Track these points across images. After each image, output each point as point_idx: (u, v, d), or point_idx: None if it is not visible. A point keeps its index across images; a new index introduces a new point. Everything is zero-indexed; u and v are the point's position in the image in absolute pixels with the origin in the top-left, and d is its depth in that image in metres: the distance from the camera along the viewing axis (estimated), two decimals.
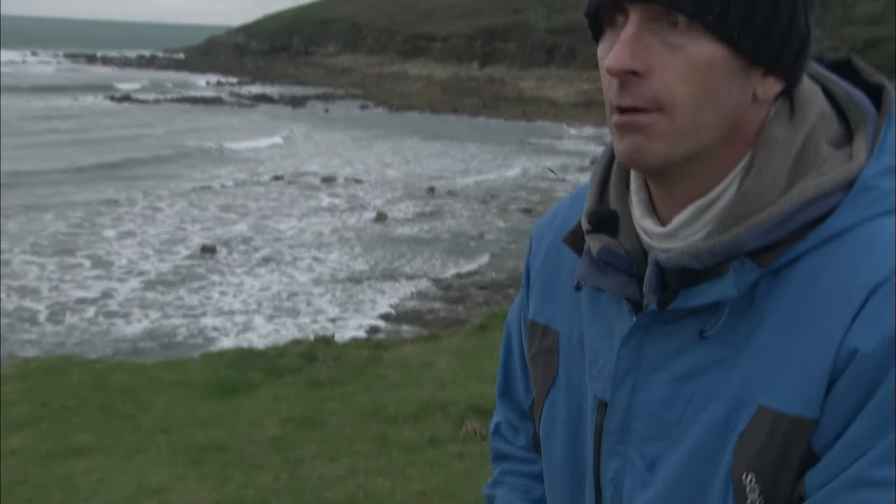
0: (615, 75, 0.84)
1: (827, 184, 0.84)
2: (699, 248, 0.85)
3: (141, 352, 9.49)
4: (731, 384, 0.86)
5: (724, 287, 0.84)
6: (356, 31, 73.51)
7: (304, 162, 25.75)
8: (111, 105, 40.40)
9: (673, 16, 0.82)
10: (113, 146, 26.71)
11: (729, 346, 0.86)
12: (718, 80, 0.83)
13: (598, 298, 0.98)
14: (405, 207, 19.13)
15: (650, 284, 0.89)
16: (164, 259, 14.07)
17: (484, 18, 62.70)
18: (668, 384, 0.90)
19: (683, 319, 0.89)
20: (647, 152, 0.84)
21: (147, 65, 72.48)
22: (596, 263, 0.93)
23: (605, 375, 0.95)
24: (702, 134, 0.84)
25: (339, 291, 12.63)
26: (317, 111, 41.70)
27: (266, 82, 56.70)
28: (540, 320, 1.07)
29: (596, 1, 0.88)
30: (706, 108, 0.83)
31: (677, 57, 0.82)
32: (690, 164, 0.86)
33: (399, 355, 5.95)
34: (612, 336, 0.95)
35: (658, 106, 0.83)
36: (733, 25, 0.82)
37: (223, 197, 19.74)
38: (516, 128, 36.55)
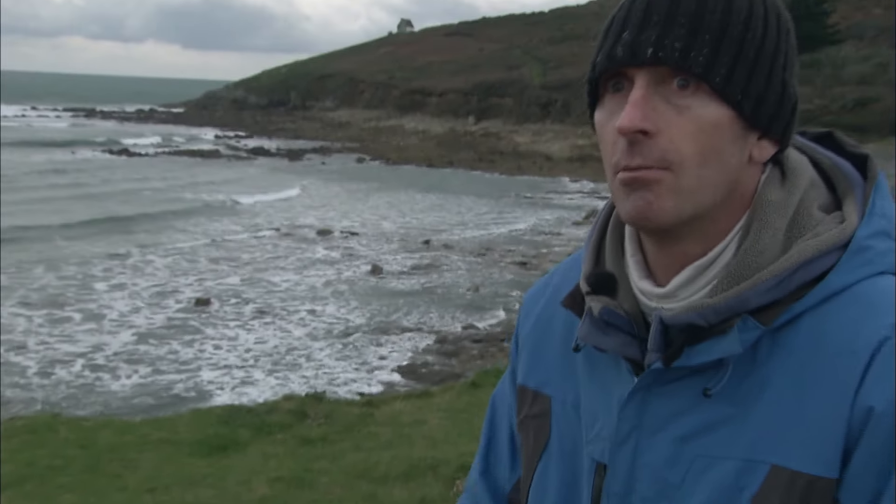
0: (627, 135, 0.86)
1: (824, 244, 0.87)
2: (704, 306, 0.87)
3: (132, 407, 9.35)
4: (738, 444, 0.86)
5: (728, 344, 0.86)
6: (353, 86, 74.46)
7: (299, 214, 25.82)
8: (110, 158, 40.61)
9: (681, 78, 0.85)
10: (108, 200, 26.79)
11: (733, 405, 0.87)
12: (722, 141, 0.86)
13: (596, 361, 0.99)
14: (401, 260, 19.13)
15: (655, 342, 0.90)
16: (157, 312, 13.98)
17: (480, 74, 63.62)
18: (672, 444, 0.90)
19: (686, 378, 0.89)
20: (656, 209, 0.86)
21: (146, 119, 73.15)
22: (597, 324, 0.95)
23: (604, 437, 0.95)
24: (706, 193, 0.87)
25: (334, 346, 12.53)
26: (314, 164, 41.97)
27: (264, 136, 57.20)
28: (530, 385, 1.06)
29: (601, 65, 0.90)
30: (710, 167, 0.86)
31: (684, 118, 0.85)
32: (693, 224, 0.88)
33: (390, 412, 5.87)
34: (610, 398, 0.95)
35: (665, 164, 0.85)
36: (737, 88, 0.85)
37: (218, 249, 19.73)
38: (511, 182, 36.78)
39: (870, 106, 38.65)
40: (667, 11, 0.87)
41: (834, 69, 43.53)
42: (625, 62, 0.88)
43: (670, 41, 0.85)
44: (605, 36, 0.92)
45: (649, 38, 0.86)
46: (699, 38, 0.85)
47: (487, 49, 75.38)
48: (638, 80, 0.87)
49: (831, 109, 39.08)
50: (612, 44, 0.89)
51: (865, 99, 39.11)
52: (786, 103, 0.89)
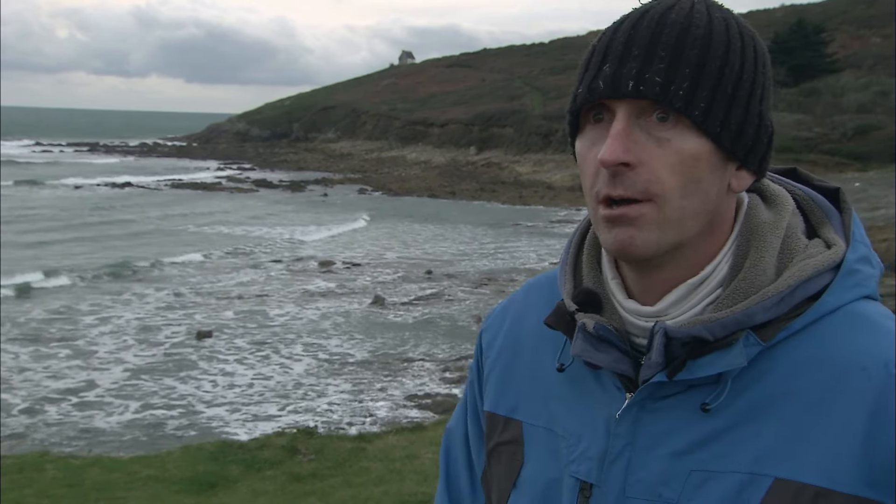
0: (608, 167, 0.88)
1: (821, 264, 0.91)
2: (711, 320, 0.88)
3: (124, 445, 9.19)
4: (739, 458, 0.87)
5: (733, 358, 0.87)
6: (355, 118, 74.99)
7: (300, 246, 25.77)
8: (112, 192, 40.72)
9: (660, 112, 0.88)
10: (105, 230, 26.79)
11: (731, 420, 0.88)
12: (702, 172, 0.89)
13: (577, 380, 0.99)
14: (403, 291, 19.01)
15: (657, 355, 0.90)
16: (152, 346, 13.83)
17: (481, 105, 64.05)
18: (667, 460, 0.90)
19: (681, 394, 0.91)
20: (638, 243, 0.89)
21: (149, 152, 73.51)
22: (591, 340, 0.95)
23: (590, 457, 0.95)
24: (688, 223, 0.89)
25: (334, 379, 12.37)
26: (315, 195, 42.04)
27: (266, 168, 57.41)
28: (500, 412, 1.06)
29: (583, 97, 0.92)
30: (692, 198, 0.89)
31: (665, 150, 0.88)
32: (674, 253, 0.91)
33: (382, 447, 5.73)
34: (595, 416, 0.96)
35: (648, 196, 0.88)
36: (716, 121, 0.88)
37: (217, 281, 19.64)
38: (513, 211, 36.77)
39: (870, 134, 38.72)
40: (647, 45, 0.88)
41: (833, 97, 43.75)
42: (606, 95, 0.89)
43: (651, 75, 0.87)
44: (585, 67, 0.93)
45: (630, 72, 0.88)
46: (679, 72, 0.87)
47: (488, 80, 75.94)
48: (619, 112, 0.89)
49: (831, 138, 39.16)
50: (593, 76, 0.91)
51: (866, 126, 39.19)
52: (762, 134, 0.92)
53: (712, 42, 0.88)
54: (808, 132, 39.51)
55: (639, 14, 0.91)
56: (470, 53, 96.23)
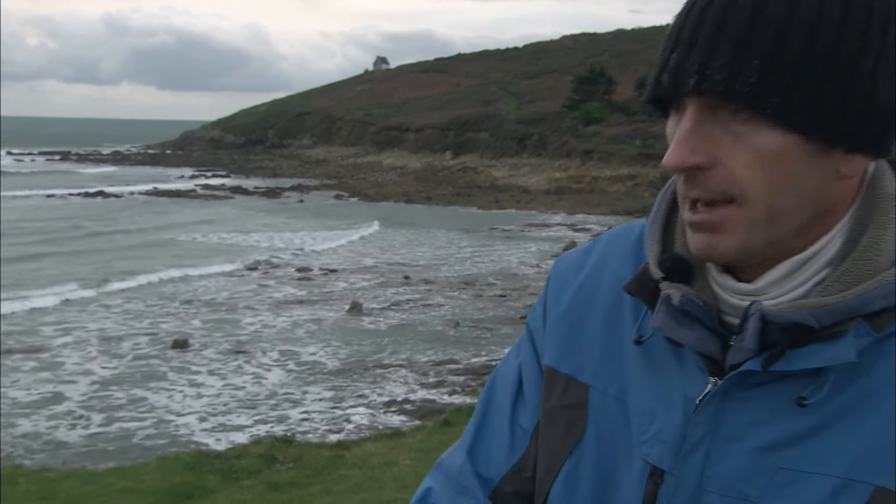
0: (674, 172, 0.81)
1: None
2: (819, 305, 0.78)
3: (98, 456, 9.06)
4: (834, 460, 0.78)
5: (841, 350, 0.78)
6: (330, 124, 74.86)
7: (277, 252, 25.64)
8: (84, 201, 40.30)
9: (730, 106, 0.78)
10: (78, 241, 26.50)
11: (828, 417, 0.79)
12: (791, 166, 0.78)
13: (654, 353, 0.90)
14: (381, 297, 18.96)
15: (751, 342, 0.81)
16: (128, 356, 13.67)
17: (456, 109, 64.18)
18: (751, 455, 0.82)
19: (773, 383, 0.81)
20: (721, 249, 0.81)
21: (122, 160, 72.84)
22: (674, 314, 0.85)
23: (664, 441, 0.86)
24: (780, 222, 0.80)
25: (312, 386, 12.30)
26: (291, 202, 41.87)
27: (241, 175, 57.13)
28: (563, 370, 0.96)
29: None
30: (781, 195, 0.79)
31: (742, 146, 0.78)
32: (772, 251, 0.82)
33: (361, 454, 5.69)
34: (671, 397, 0.87)
35: (728, 197, 0.79)
36: (798, 113, 0.76)
37: (193, 290, 19.47)
38: (489, 216, 36.83)
39: None
40: (712, 32, 0.78)
41: None
42: (667, 92, 0.81)
43: (713, 70, 0.77)
44: (662, 49, 0.84)
45: (693, 66, 0.78)
46: (746, 64, 0.76)
47: (463, 84, 76.15)
48: (689, 108, 0.80)
49: None
50: (661, 67, 0.82)
51: None
52: (873, 112, 0.78)
53: (794, 20, 0.77)
54: None
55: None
56: (444, 58, 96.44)
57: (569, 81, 61.01)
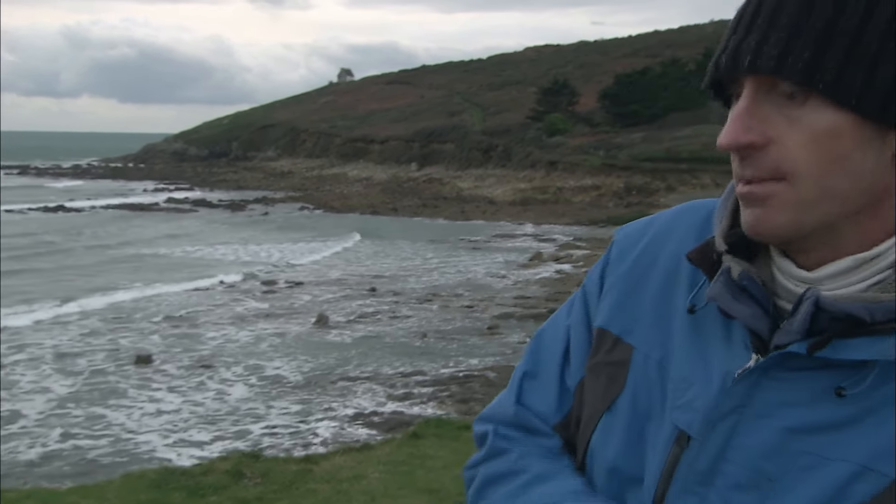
0: (728, 150, 0.82)
1: None
2: (875, 300, 0.79)
3: (58, 476, 8.87)
4: (858, 449, 0.79)
5: (887, 347, 0.78)
6: (295, 136, 74.55)
7: (242, 265, 25.43)
8: (45, 216, 39.62)
9: (785, 85, 0.79)
10: (36, 258, 26.06)
11: (861, 410, 0.80)
12: (846, 147, 0.79)
13: (702, 324, 0.92)
14: (347, 309, 18.88)
15: (800, 324, 0.81)
16: (85, 373, 13.41)
17: (421, 121, 64.32)
18: (777, 434, 0.83)
19: (813, 370, 0.82)
20: (769, 224, 0.82)
21: (82, 174, 71.77)
22: (731, 287, 0.87)
23: (696, 408, 0.88)
24: (832, 203, 0.80)
25: (278, 400, 12.20)
26: (256, 215, 41.58)
27: (205, 188, 56.63)
28: (613, 329, 0.99)
29: (708, 78, 0.86)
30: (835, 176, 0.79)
31: (797, 127, 0.79)
32: (827, 234, 0.82)
33: (329, 468, 5.65)
34: (710, 368, 0.89)
35: (780, 175, 0.80)
36: (852, 90, 0.77)
37: (156, 305, 19.23)
38: (456, 226, 36.91)
39: None
40: (772, 12, 0.80)
41: None
42: (726, 72, 0.83)
43: (769, 47, 0.79)
44: (727, 31, 0.86)
45: (750, 45, 0.80)
46: (800, 40, 0.78)
47: (428, 96, 76.34)
48: (746, 88, 0.82)
49: None
50: (722, 47, 0.84)
51: None
52: None
53: (847, 3, 0.78)
54: None
55: None
56: (409, 70, 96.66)
57: (533, 93, 61.49)
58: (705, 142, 39.84)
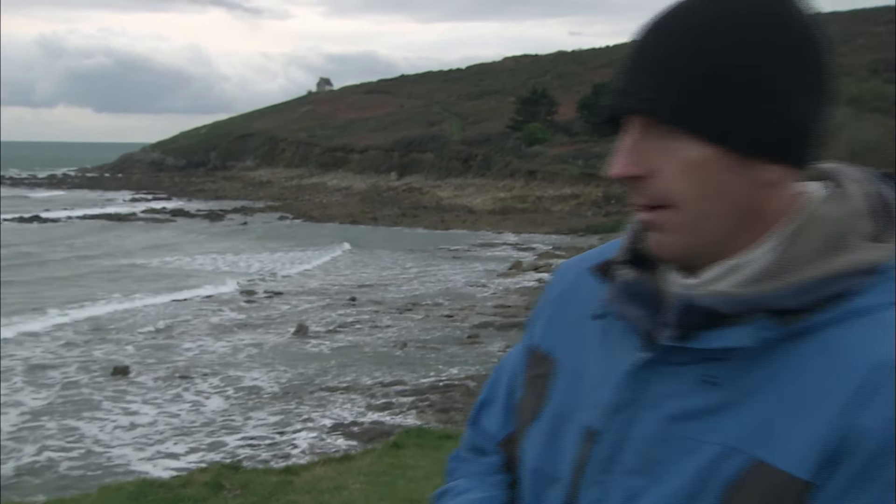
0: (616, 180, 0.93)
1: (853, 264, 0.89)
2: (730, 294, 0.90)
3: (28, 488, 8.74)
4: (727, 432, 0.89)
5: (742, 335, 0.88)
6: (274, 145, 74.29)
7: (220, 276, 25.27)
8: (19, 226, 39.16)
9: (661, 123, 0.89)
10: (12, 270, 25.76)
11: (731, 396, 0.89)
12: (715, 175, 0.89)
13: (610, 332, 1.02)
14: (327, 319, 18.81)
15: (673, 318, 0.93)
16: (59, 385, 13.24)
17: (400, 130, 64.33)
18: (662, 422, 0.93)
19: (692, 364, 0.92)
20: (667, 246, 0.93)
21: (58, 184, 71.06)
22: (624, 292, 0.98)
23: (600, 405, 0.98)
24: (711, 224, 0.91)
25: (257, 411, 12.11)
26: (235, 224, 41.36)
27: (183, 197, 56.26)
28: (542, 347, 1.11)
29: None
30: (710, 201, 0.89)
31: (673, 158, 0.89)
32: (712, 251, 0.92)
33: (310, 478, 5.61)
34: (612, 369, 0.99)
35: (665, 203, 0.91)
36: (714, 126, 0.88)
37: (135, 315, 19.05)
38: (436, 236, 36.91)
39: None
40: (648, 55, 0.91)
41: None
42: (610, 113, 0.94)
43: (646, 90, 0.90)
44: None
45: (629, 88, 0.91)
46: (670, 83, 0.89)
47: (407, 105, 76.40)
48: (629, 126, 0.92)
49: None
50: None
51: None
52: (788, 127, 0.89)
53: (712, 47, 0.87)
54: None
55: (650, 23, 0.93)
56: (388, 80, 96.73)
57: (511, 102, 61.70)
58: None
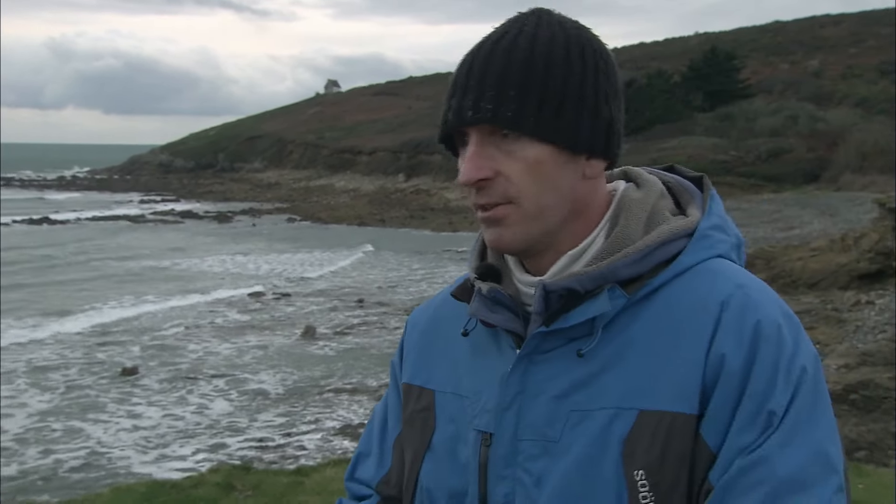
0: (467, 186, 1.04)
1: (676, 229, 1.06)
2: (581, 273, 1.03)
3: (33, 489, 8.78)
4: (607, 396, 0.99)
5: (599, 304, 1.01)
6: (282, 147, 74.36)
7: (229, 278, 25.35)
8: (29, 228, 39.33)
9: (502, 130, 1.02)
10: (19, 273, 25.90)
11: (602, 364, 1.01)
12: (549, 170, 1.02)
13: (479, 344, 1.12)
14: (334, 321, 18.86)
15: (537, 307, 1.03)
16: (70, 386, 13.32)
17: (408, 132, 64.30)
18: (550, 403, 1.03)
19: (562, 347, 1.04)
20: (507, 238, 1.04)
21: (67, 186, 71.32)
22: (485, 302, 1.09)
23: (488, 409, 1.07)
24: (549, 214, 1.04)
25: (266, 413, 12.17)
26: (243, 226, 41.45)
27: (192, 199, 56.39)
28: (416, 382, 1.19)
29: (441, 129, 1.08)
30: (546, 194, 1.03)
31: (513, 159, 1.02)
32: (549, 239, 1.05)
33: (321, 479, 5.66)
34: (493, 374, 1.08)
35: (508, 199, 1.03)
36: (548, 129, 1.02)
37: (144, 317, 19.14)
38: (443, 238, 36.94)
39: (782, 156, 40.30)
40: (479, 76, 1.02)
41: (747, 122, 45.35)
42: (454, 125, 1.04)
43: (483, 103, 1.01)
44: (446, 97, 1.07)
45: (468, 103, 1.02)
46: (505, 96, 1.01)
47: (415, 107, 76.39)
48: (472, 136, 1.04)
49: (746, 161, 40.61)
50: (446, 108, 1.06)
51: (777, 150, 40.78)
52: (600, 128, 1.05)
53: (533, 63, 1.01)
54: (724, 155, 40.92)
55: (478, 46, 1.05)
56: (396, 81, 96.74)
57: None
58: (691, 153, 40.05)
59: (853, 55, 55.78)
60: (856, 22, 64.81)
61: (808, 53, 61.15)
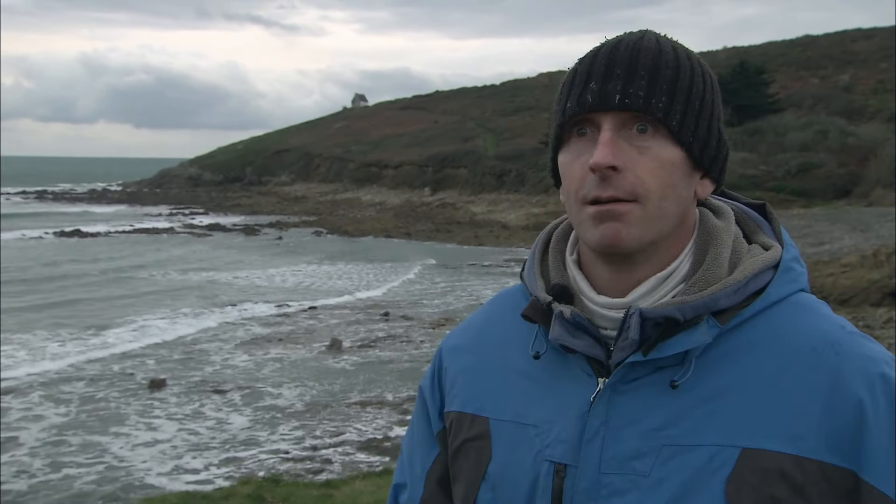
0: (599, 170, 0.98)
1: (766, 261, 1.03)
2: (683, 302, 0.98)
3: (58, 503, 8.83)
4: (708, 432, 0.95)
5: (699, 336, 0.97)
6: (309, 160, 74.91)
7: (254, 290, 25.51)
8: (60, 241, 39.89)
9: (640, 123, 0.99)
10: (42, 284, 26.23)
11: (697, 397, 0.97)
12: (677, 177, 1.00)
13: (548, 371, 1.07)
14: (360, 334, 18.89)
15: (634, 333, 0.98)
16: (93, 399, 13.47)
17: (435, 146, 64.53)
18: (639, 437, 0.98)
19: (650, 375, 0.99)
20: (624, 237, 0.99)
21: (98, 199, 72.30)
22: (567, 327, 1.03)
23: (563, 440, 1.02)
24: (664, 222, 1.01)
25: (290, 425, 12.20)
26: (270, 239, 41.74)
27: (220, 212, 56.92)
28: (467, 410, 1.13)
29: (572, 110, 1.03)
30: (669, 200, 1.00)
31: (646, 157, 0.99)
32: (649, 250, 1.02)
33: (350, 492, 5.67)
34: (566, 404, 1.03)
35: (634, 196, 0.98)
36: (688, 133, 1.00)
37: (163, 331, 19.30)
38: (469, 251, 36.92)
39: (812, 171, 39.92)
40: (628, 65, 0.99)
41: (776, 136, 45.00)
42: (594, 107, 1.00)
43: (634, 90, 0.98)
44: (570, 86, 1.03)
45: (615, 88, 0.99)
46: (658, 88, 0.99)
47: (441, 121, 76.65)
48: (605, 124, 0.99)
49: (776, 175, 40.27)
50: (580, 92, 1.01)
51: (808, 164, 40.39)
52: (721, 148, 1.05)
53: (680, 66, 1.01)
54: (753, 170, 40.59)
55: (615, 42, 1.02)
56: (422, 96, 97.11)
57: (545, 118, 61.60)
58: None
59: (884, 70, 55.12)
60: (887, 36, 64.09)
61: (838, 68, 60.59)
